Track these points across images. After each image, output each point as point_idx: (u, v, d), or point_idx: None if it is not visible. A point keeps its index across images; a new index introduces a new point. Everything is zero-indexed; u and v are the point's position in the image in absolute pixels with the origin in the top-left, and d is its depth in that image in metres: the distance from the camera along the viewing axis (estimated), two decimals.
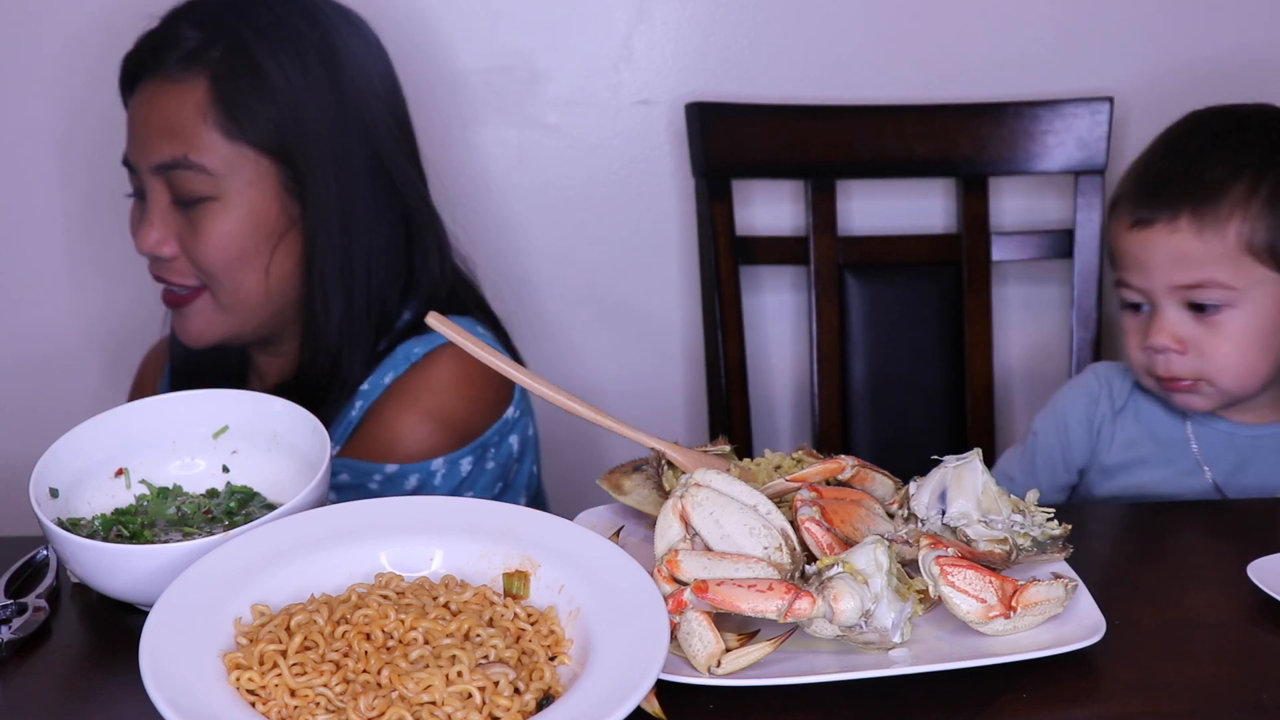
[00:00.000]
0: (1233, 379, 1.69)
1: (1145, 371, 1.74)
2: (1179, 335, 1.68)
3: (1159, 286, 1.68)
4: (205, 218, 1.67)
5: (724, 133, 2.17)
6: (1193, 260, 1.66)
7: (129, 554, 1.21)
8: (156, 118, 1.67)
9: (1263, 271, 1.66)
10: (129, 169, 1.71)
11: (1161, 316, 1.69)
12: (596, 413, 1.38)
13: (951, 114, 2.21)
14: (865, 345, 2.24)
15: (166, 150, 1.66)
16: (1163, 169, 1.73)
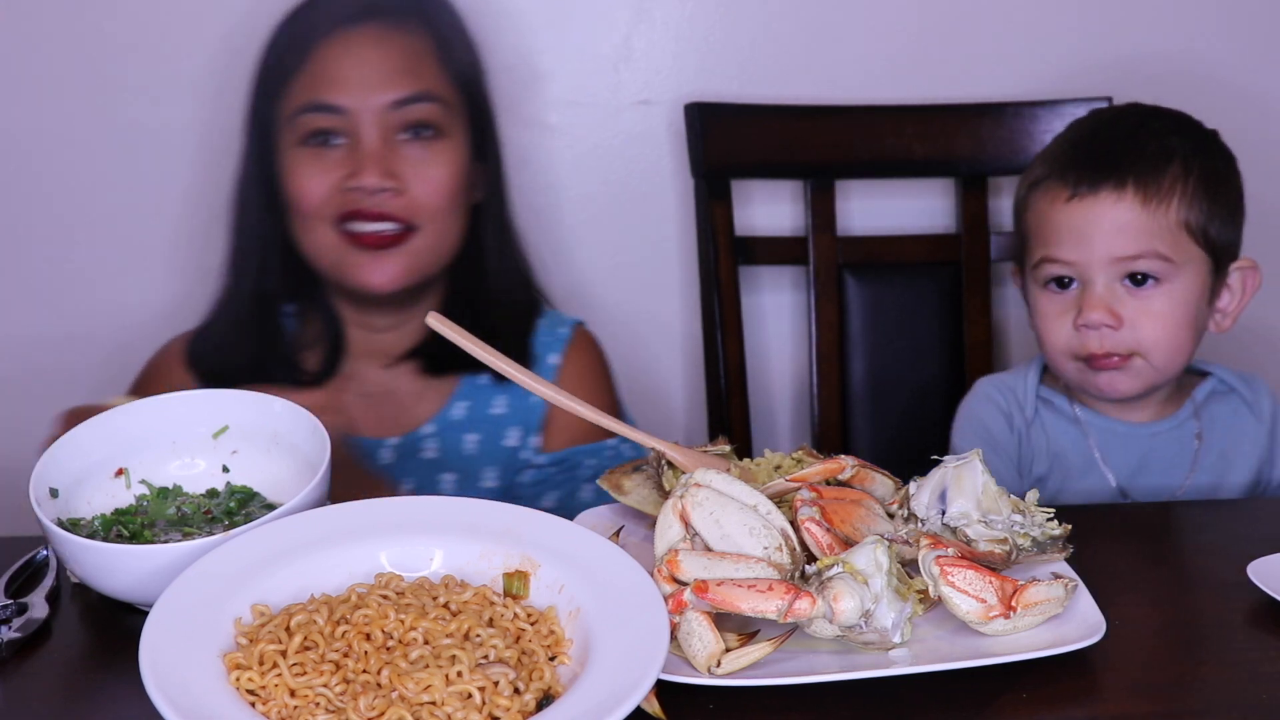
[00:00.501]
0: (1164, 355, 1.71)
1: (1070, 354, 1.73)
2: (1114, 309, 1.69)
3: (1097, 258, 1.69)
4: (435, 152, 1.75)
5: (723, 133, 2.17)
6: (1136, 230, 1.68)
7: (129, 554, 1.21)
8: (393, 58, 1.74)
9: (1195, 250, 1.70)
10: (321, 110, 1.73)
11: (1094, 291, 1.69)
12: (596, 413, 1.38)
13: (950, 114, 2.21)
14: (865, 345, 2.24)
15: (406, 85, 1.73)
16: (1100, 144, 1.74)
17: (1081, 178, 1.70)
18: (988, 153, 2.22)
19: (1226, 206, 1.73)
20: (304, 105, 1.73)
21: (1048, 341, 1.75)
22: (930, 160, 2.23)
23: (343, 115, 1.72)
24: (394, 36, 1.75)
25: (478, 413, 1.84)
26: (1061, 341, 1.73)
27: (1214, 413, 1.81)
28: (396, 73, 1.74)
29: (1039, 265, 1.74)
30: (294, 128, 1.73)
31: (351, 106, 1.72)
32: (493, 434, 1.84)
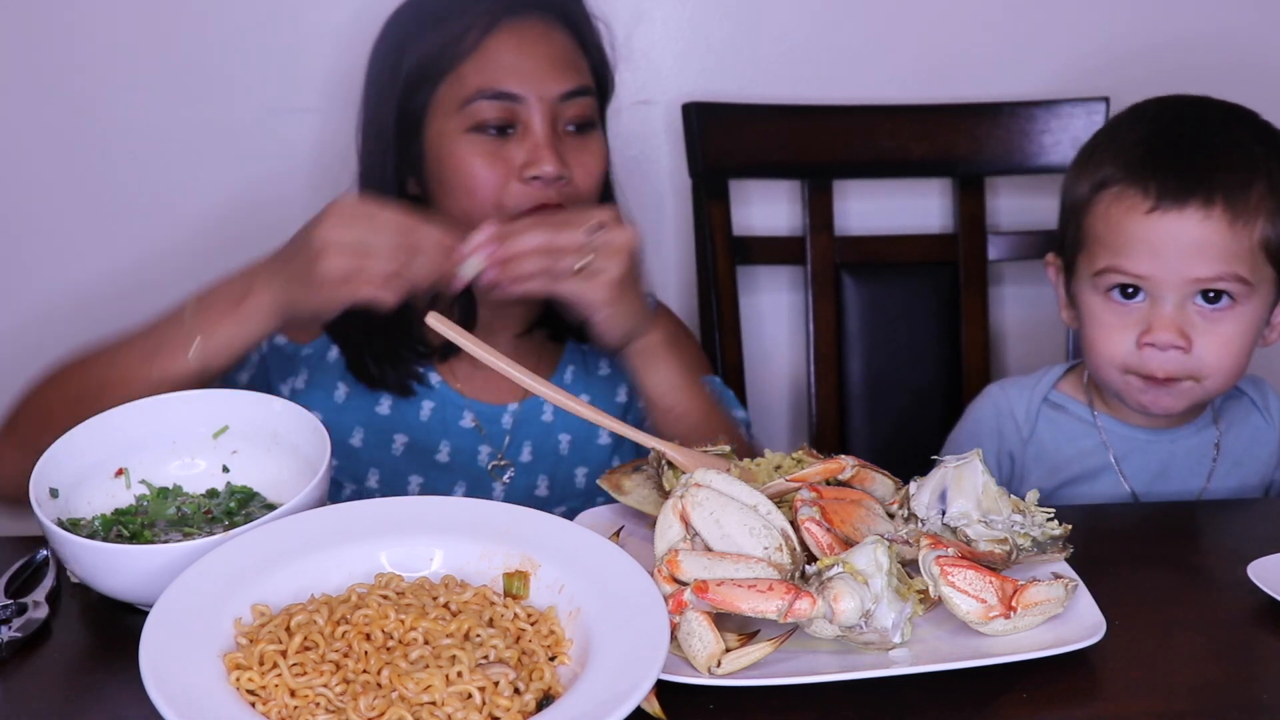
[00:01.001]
0: (1222, 379, 1.63)
1: (1124, 368, 1.64)
2: (1185, 331, 1.60)
3: (1174, 277, 1.59)
4: (591, 144, 1.76)
5: (721, 133, 2.17)
6: (1219, 252, 1.58)
7: (129, 554, 1.21)
8: (557, 51, 1.75)
9: (1269, 270, 1.61)
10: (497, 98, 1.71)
11: (1164, 310, 1.60)
12: (596, 412, 1.38)
13: (948, 114, 2.21)
14: (862, 345, 2.24)
15: (572, 78, 1.73)
16: (1184, 150, 1.62)
17: (1166, 188, 1.58)
18: (985, 153, 2.22)
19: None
20: (477, 92, 1.71)
21: (1102, 352, 1.65)
22: (928, 160, 2.23)
23: (519, 104, 1.70)
24: (555, 31, 1.76)
25: (586, 375, 1.87)
26: (1119, 355, 1.64)
27: (1230, 417, 1.77)
28: (563, 66, 1.74)
29: (1103, 273, 1.63)
30: (464, 115, 1.71)
31: (526, 95, 1.70)
32: (603, 395, 1.87)
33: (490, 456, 1.80)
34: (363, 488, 1.76)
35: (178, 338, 1.52)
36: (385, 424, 1.77)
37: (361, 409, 1.76)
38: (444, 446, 1.78)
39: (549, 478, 1.82)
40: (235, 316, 1.51)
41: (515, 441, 1.81)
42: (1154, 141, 1.64)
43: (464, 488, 1.79)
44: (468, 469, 1.79)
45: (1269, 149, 1.63)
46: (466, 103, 1.70)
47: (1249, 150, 1.62)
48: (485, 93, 1.70)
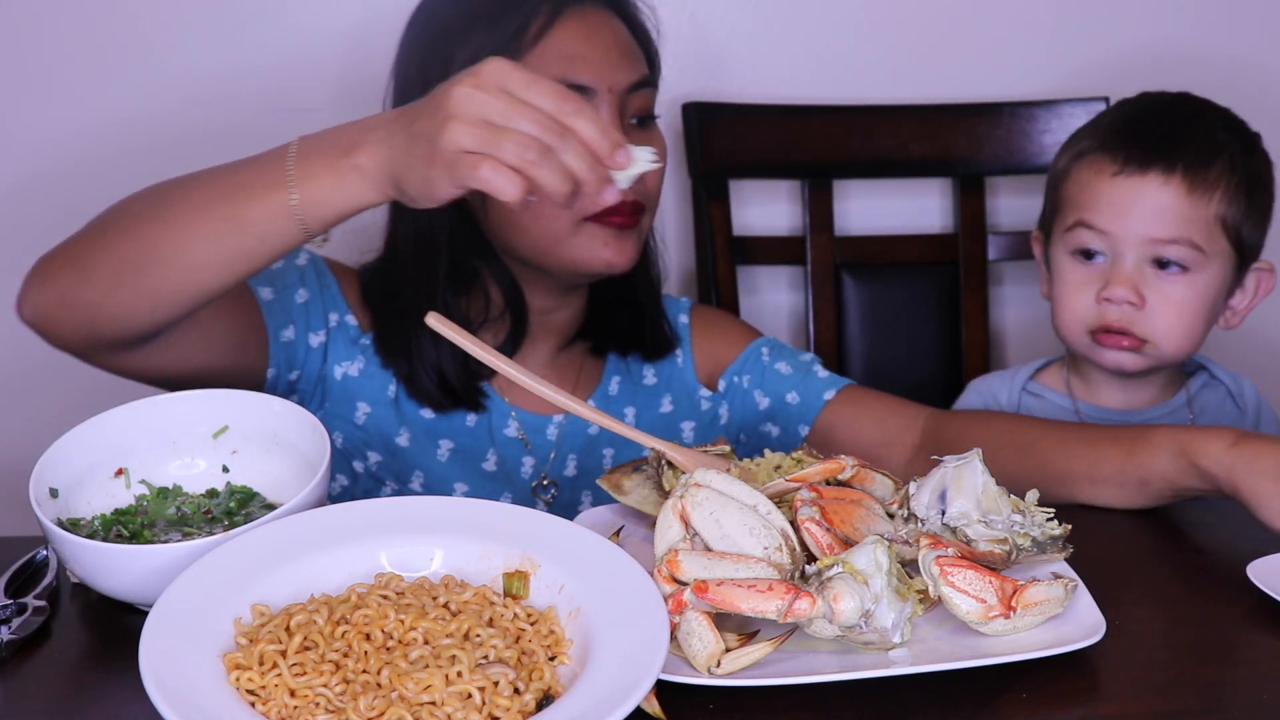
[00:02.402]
0: (1175, 343, 1.74)
1: (1084, 325, 1.76)
2: (1139, 289, 1.72)
3: (1133, 235, 1.72)
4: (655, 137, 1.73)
5: (721, 133, 2.17)
6: (1176, 216, 1.71)
7: (129, 554, 1.21)
8: (621, 41, 1.70)
9: (1225, 245, 1.73)
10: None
11: (1123, 267, 1.73)
12: (596, 413, 1.38)
13: (948, 114, 2.22)
14: (862, 345, 2.24)
15: (639, 69, 1.70)
16: (1154, 126, 1.76)
17: (1132, 155, 1.73)
18: (985, 153, 2.22)
19: (1261, 209, 1.77)
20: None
21: (1066, 308, 1.78)
22: (927, 160, 2.23)
23: (590, 96, 1.65)
24: (613, 19, 1.72)
25: (632, 386, 1.85)
26: (1080, 311, 1.76)
27: (1204, 402, 1.85)
28: (628, 57, 1.70)
29: (1072, 229, 1.76)
30: None
31: (596, 87, 1.66)
32: (648, 405, 1.85)
33: (534, 469, 1.78)
34: (405, 488, 1.73)
35: (276, 175, 1.33)
36: (431, 427, 1.74)
37: (410, 407, 1.73)
38: (491, 455, 1.76)
39: (593, 493, 1.79)
40: (335, 171, 1.31)
41: (560, 455, 1.80)
42: (1128, 117, 1.80)
43: (510, 499, 1.75)
44: (512, 480, 1.77)
45: (1234, 137, 1.77)
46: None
47: (1215, 134, 1.76)
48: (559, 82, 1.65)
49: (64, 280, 1.43)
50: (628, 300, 1.83)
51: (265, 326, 1.66)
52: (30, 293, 1.46)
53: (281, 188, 1.32)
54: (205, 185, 1.39)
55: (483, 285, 1.74)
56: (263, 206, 1.33)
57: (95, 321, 1.42)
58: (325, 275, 1.74)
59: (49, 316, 1.45)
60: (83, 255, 1.42)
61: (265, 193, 1.33)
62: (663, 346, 1.87)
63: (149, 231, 1.37)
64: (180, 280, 1.38)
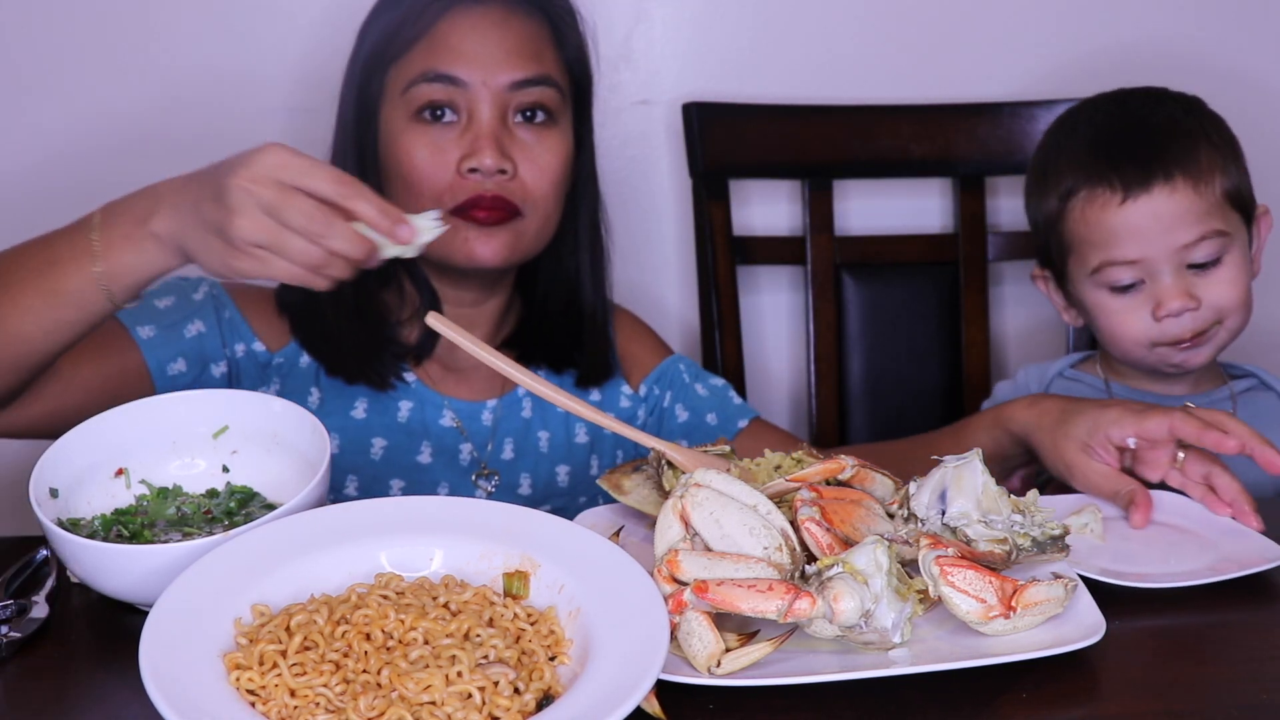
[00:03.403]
0: (1237, 316, 1.75)
1: (1150, 343, 1.75)
2: (1190, 293, 1.72)
3: (1162, 252, 1.72)
4: (548, 138, 1.72)
5: (721, 133, 2.17)
6: (1195, 215, 1.71)
7: (129, 554, 1.21)
8: (514, 39, 1.71)
9: (1237, 218, 1.75)
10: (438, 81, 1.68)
11: (1165, 282, 1.72)
12: (596, 412, 1.38)
13: (948, 114, 2.22)
14: (862, 345, 2.24)
15: (527, 67, 1.70)
16: (1130, 140, 1.76)
17: (1130, 178, 1.72)
18: (985, 152, 2.22)
19: (1242, 163, 1.78)
20: (420, 75, 1.68)
21: (1125, 336, 1.77)
22: (927, 160, 2.23)
23: (461, 89, 1.68)
24: (516, 18, 1.72)
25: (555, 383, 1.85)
26: (1140, 334, 1.75)
27: (1252, 405, 1.84)
28: (518, 54, 1.70)
29: (1100, 270, 1.75)
30: (407, 100, 1.68)
31: (470, 81, 1.68)
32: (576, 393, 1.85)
33: (472, 455, 1.79)
34: (340, 495, 1.73)
35: (83, 247, 1.36)
36: (362, 428, 1.75)
37: (337, 414, 1.74)
38: (425, 447, 1.77)
39: (531, 476, 1.81)
40: (133, 240, 1.35)
41: (497, 439, 1.81)
42: (1100, 141, 1.78)
43: (447, 489, 1.77)
44: (450, 468, 1.78)
45: (1193, 114, 1.79)
46: (409, 86, 1.68)
47: (1180, 121, 1.76)
48: (428, 75, 1.67)
49: None
50: (566, 316, 1.84)
51: (146, 364, 1.65)
52: None
53: (87, 258, 1.36)
54: (19, 261, 1.41)
55: (397, 281, 1.77)
56: (74, 278, 1.36)
57: None
58: (225, 306, 1.75)
59: None
60: None
61: (75, 265, 1.36)
62: (601, 374, 1.87)
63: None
64: (6, 352, 1.41)
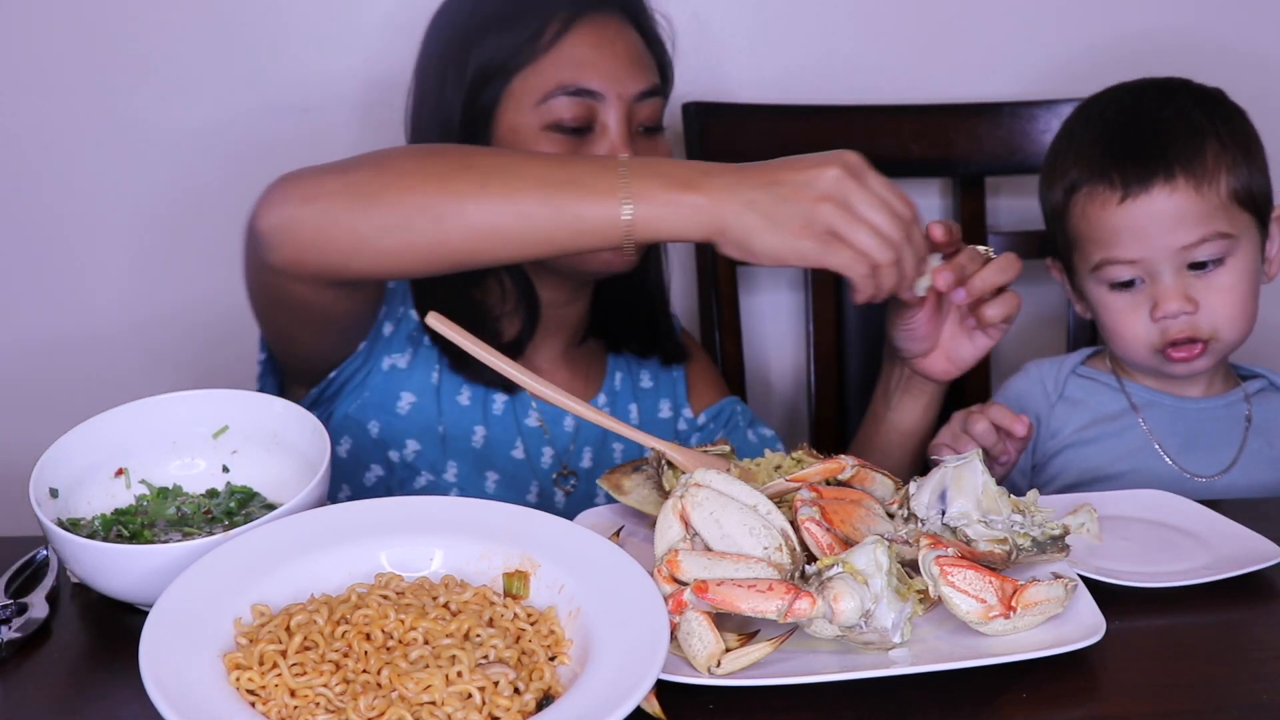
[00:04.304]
0: (1237, 330, 1.73)
1: (1150, 347, 1.74)
2: (1188, 295, 1.70)
3: (1161, 252, 1.69)
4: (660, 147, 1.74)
5: (721, 132, 2.17)
6: (1195, 217, 1.68)
7: (129, 554, 1.21)
8: (632, 49, 1.73)
9: (1245, 216, 1.71)
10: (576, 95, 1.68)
11: (1165, 283, 1.70)
12: (596, 412, 1.38)
13: (948, 114, 2.21)
14: (862, 345, 2.23)
15: (649, 78, 1.72)
16: (1134, 136, 1.74)
17: (1130, 177, 1.70)
18: (985, 153, 2.22)
19: (1260, 164, 1.74)
20: (558, 88, 1.68)
21: (1124, 336, 1.75)
22: (928, 160, 2.23)
23: (598, 101, 1.68)
24: (629, 29, 1.74)
25: (632, 384, 1.89)
26: (1140, 334, 1.74)
27: (1266, 407, 1.83)
28: (638, 65, 1.72)
29: (1099, 268, 1.74)
30: (540, 112, 1.68)
31: (605, 93, 1.68)
32: (649, 406, 1.89)
33: (554, 459, 1.81)
34: (440, 479, 1.74)
35: (609, 183, 1.40)
36: (466, 414, 1.76)
37: (449, 394, 1.75)
38: (519, 443, 1.79)
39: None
40: (673, 201, 1.40)
41: (578, 445, 1.82)
42: (1107, 137, 1.75)
43: (536, 487, 1.79)
44: (535, 469, 1.80)
45: (1208, 110, 1.74)
46: (545, 99, 1.68)
47: (1190, 117, 1.73)
48: (566, 88, 1.68)
49: (337, 206, 1.43)
50: (638, 302, 1.87)
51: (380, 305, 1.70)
52: (282, 206, 1.45)
53: (612, 196, 1.39)
54: (529, 167, 1.44)
55: (497, 277, 1.77)
56: (588, 207, 1.40)
57: (353, 254, 1.43)
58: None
59: (296, 234, 1.44)
60: (372, 190, 1.42)
61: (595, 195, 1.40)
62: (679, 353, 1.91)
63: (462, 190, 1.40)
64: (471, 244, 1.42)
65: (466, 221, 1.40)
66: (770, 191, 1.37)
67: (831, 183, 1.36)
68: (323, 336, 1.65)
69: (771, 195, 1.37)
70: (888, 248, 1.37)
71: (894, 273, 1.38)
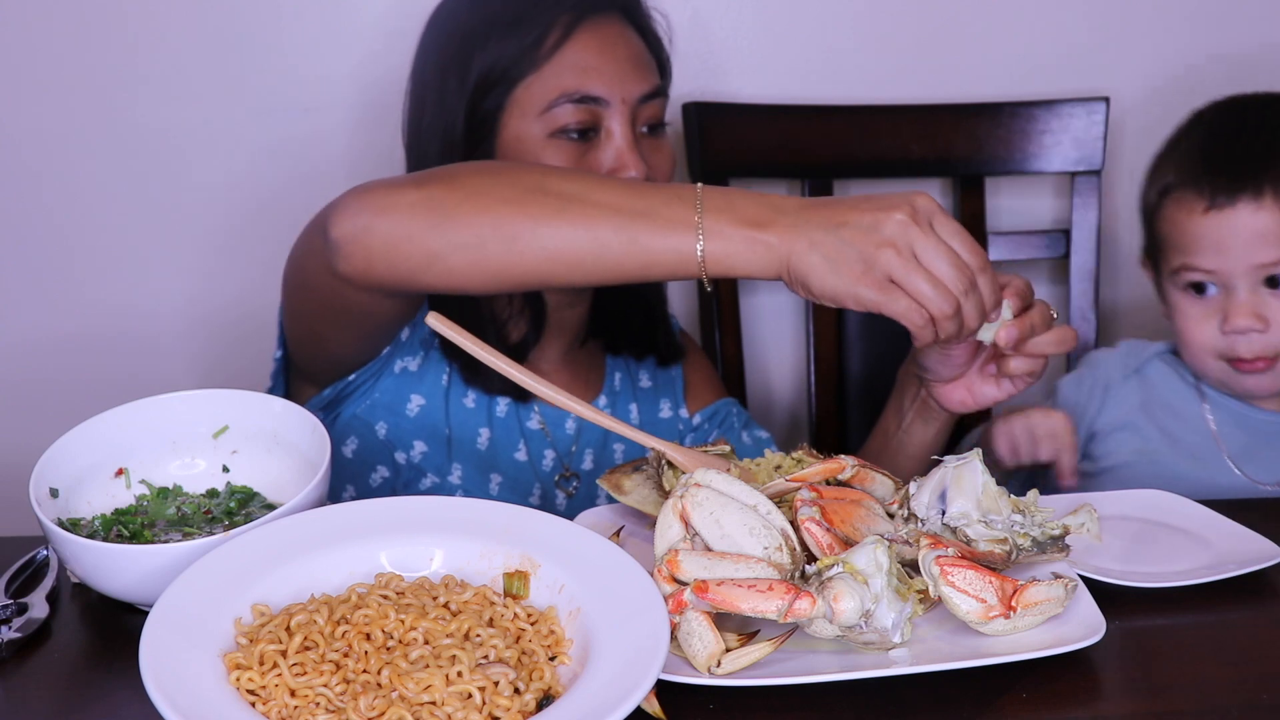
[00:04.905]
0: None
1: (1215, 354, 1.75)
2: (1260, 314, 1.71)
3: (1240, 267, 1.71)
4: (664, 145, 1.76)
5: (722, 132, 2.17)
6: (1276, 237, 1.69)
7: (129, 554, 1.21)
8: (634, 52, 1.73)
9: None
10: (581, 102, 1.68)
11: (1238, 297, 1.72)
12: (596, 413, 1.38)
13: (948, 114, 2.22)
14: (861, 345, 2.24)
15: (651, 79, 1.73)
16: (1232, 149, 1.74)
17: (1218, 188, 1.71)
18: (985, 153, 2.22)
19: None
20: (562, 96, 1.68)
21: (1192, 342, 1.77)
22: (928, 160, 2.23)
23: (603, 107, 1.69)
24: (627, 30, 1.74)
25: (631, 385, 1.89)
26: (1207, 343, 1.76)
27: None
28: (641, 66, 1.73)
29: (1178, 271, 1.76)
30: (545, 120, 1.68)
31: (609, 98, 1.69)
32: (649, 406, 1.90)
33: (555, 462, 1.81)
34: (445, 481, 1.75)
35: (684, 218, 1.38)
36: (472, 416, 1.77)
37: (456, 396, 1.76)
38: (522, 445, 1.79)
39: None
40: (747, 240, 1.37)
41: (579, 447, 1.83)
42: (1207, 146, 1.77)
43: (539, 490, 1.79)
44: (537, 471, 1.80)
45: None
46: (549, 107, 1.68)
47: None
48: (570, 96, 1.68)
49: (415, 220, 1.42)
50: (638, 304, 1.87)
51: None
52: (358, 215, 1.44)
53: (688, 231, 1.37)
54: (604, 194, 1.42)
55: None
56: (663, 239, 1.38)
57: (424, 269, 1.43)
58: None
59: (370, 245, 1.44)
60: (448, 207, 1.41)
61: (670, 229, 1.37)
62: (675, 352, 1.91)
63: (536, 214, 1.39)
64: (542, 266, 1.41)
65: (540, 245, 1.39)
66: (835, 234, 1.34)
67: (896, 228, 1.32)
68: (356, 339, 1.65)
69: (835, 237, 1.34)
70: (947, 299, 1.34)
71: (954, 324, 1.35)
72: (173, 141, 2.15)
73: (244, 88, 2.15)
